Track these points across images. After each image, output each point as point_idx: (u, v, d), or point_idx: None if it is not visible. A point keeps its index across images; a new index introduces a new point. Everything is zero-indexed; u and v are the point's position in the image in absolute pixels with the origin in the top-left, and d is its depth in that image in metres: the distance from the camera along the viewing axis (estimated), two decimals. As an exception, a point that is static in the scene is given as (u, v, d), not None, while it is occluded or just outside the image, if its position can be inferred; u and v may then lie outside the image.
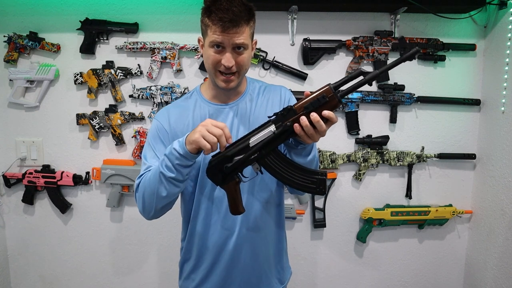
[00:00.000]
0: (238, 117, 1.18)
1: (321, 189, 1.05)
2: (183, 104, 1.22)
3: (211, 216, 1.19)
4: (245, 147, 1.03)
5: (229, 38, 1.05)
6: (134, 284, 2.07)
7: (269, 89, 1.26)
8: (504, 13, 1.77)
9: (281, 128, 0.99)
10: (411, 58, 0.92)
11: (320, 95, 0.97)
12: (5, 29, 1.88)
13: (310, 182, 1.05)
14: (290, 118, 0.99)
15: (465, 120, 1.95)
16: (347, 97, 1.87)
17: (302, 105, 0.98)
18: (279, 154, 1.04)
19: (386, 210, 1.93)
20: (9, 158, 1.98)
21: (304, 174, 1.05)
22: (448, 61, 1.90)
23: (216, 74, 1.11)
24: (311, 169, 1.06)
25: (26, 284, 2.09)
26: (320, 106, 0.96)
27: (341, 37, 1.87)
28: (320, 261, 2.04)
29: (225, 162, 1.04)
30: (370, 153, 1.92)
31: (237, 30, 1.04)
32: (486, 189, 1.89)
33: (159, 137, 1.17)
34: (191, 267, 1.26)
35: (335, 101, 0.96)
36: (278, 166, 1.04)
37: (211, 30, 1.05)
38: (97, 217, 2.02)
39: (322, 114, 0.95)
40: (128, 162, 1.94)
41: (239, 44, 1.06)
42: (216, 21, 1.03)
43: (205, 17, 1.06)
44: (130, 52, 1.89)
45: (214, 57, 1.08)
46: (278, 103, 1.22)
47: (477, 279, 1.94)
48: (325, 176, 1.05)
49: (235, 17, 1.03)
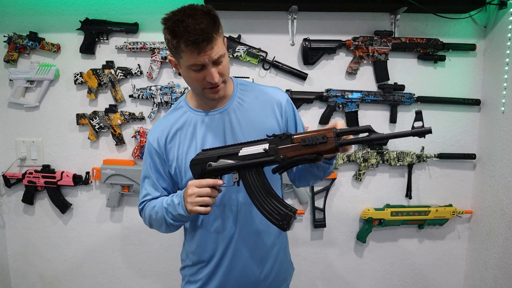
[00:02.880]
0: (227, 121, 1.16)
1: (284, 224, 1.03)
2: (171, 116, 1.21)
3: (212, 219, 1.19)
4: (234, 154, 1.04)
5: (208, 56, 1.00)
6: (134, 284, 2.07)
7: (261, 90, 1.23)
8: (504, 13, 1.77)
9: (273, 157, 1.00)
10: (422, 135, 0.91)
11: (321, 134, 0.97)
12: (5, 29, 1.88)
13: (277, 213, 1.04)
14: (285, 144, 1.00)
15: (465, 120, 1.95)
16: (347, 97, 1.87)
17: (301, 137, 0.99)
18: (260, 175, 1.04)
19: (386, 210, 1.93)
20: (9, 158, 1.98)
21: (275, 204, 1.05)
22: (448, 61, 1.90)
23: (204, 90, 1.10)
24: (284, 202, 1.06)
25: (26, 284, 2.09)
26: (317, 145, 0.97)
27: (341, 37, 1.87)
28: (320, 261, 2.04)
29: (211, 160, 1.05)
30: (370, 153, 1.92)
31: (212, 45, 1.00)
32: (486, 189, 1.89)
33: (153, 160, 1.20)
34: (193, 271, 1.26)
35: (332, 145, 0.96)
36: (255, 185, 1.05)
37: (185, 54, 1.01)
38: (97, 217, 2.02)
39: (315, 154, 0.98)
40: (128, 162, 1.94)
41: (218, 57, 1.03)
42: (189, 45, 0.98)
43: (174, 40, 0.99)
44: (130, 52, 1.89)
45: (196, 77, 1.06)
46: (272, 106, 1.20)
47: (477, 279, 1.94)
48: (294, 214, 1.03)
49: (206, 34, 0.97)
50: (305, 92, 1.89)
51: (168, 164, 1.19)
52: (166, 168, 1.20)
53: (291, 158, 1.00)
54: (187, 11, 0.99)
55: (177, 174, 1.18)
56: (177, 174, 1.19)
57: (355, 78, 1.92)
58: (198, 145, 1.15)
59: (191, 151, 1.15)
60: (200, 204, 1.03)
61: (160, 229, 1.20)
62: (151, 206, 1.19)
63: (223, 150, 1.06)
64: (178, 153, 1.17)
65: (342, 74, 1.92)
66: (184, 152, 1.16)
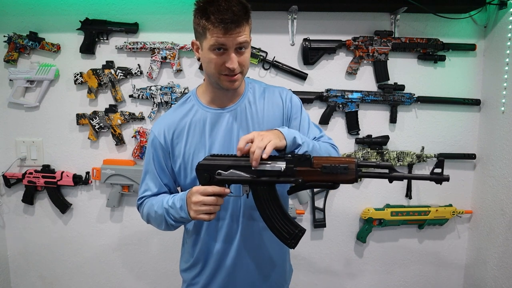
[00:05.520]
0: (237, 121, 1.16)
1: (292, 243, 1.04)
2: (179, 111, 1.19)
3: (215, 222, 1.17)
4: (247, 167, 1.00)
5: (232, 39, 1.01)
6: (134, 284, 2.07)
7: (269, 90, 1.23)
8: (504, 13, 1.77)
9: (292, 178, 0.98)
10: (440, 182, 0.97)
11: (343, 164, 0.96)
12: (5, 29, 1.88)
13: (286, 231, 1.04)
14: (304, 166, 0.98)
15: (465, 120, 1.95)
16: (347, 97, 1.87)
17: (321, 162, 0.98)
18: (274, 192, 1.03)
19: (386, 210, 1.93)
20: (9, 158, 1.98)
21: (285, 222, 1.04)
22: (448, 61, 1.90)
23: (220, 77, 1.09)
24: (294, 222, 1.06)
25: (26, 284, 2.09)
26: (337, 174, 0.97)
27: (341, 37, 1.87)
28: (320, 261, 2.04)
29: (221, 168, 1.02)
30: (370, 153, 1.92)
31: (239, 29, 1.01)
32: (486, 189, 1.89)
33: (156, 153, 1.18)
34: (195, 274, 1.25)
35: (352, 176, 0.97)
36: (266, 200, 1.03)
37: (211, 32, 1.01)
38: (97, 217, 2.02)
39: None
40: (128, 162, 1.94)
41: (242, 43, 1.03)
42: (217, 23, 0.99)
43: (202, 20, 1.01)
44: (130, 52, 1.89)
45: (216, 60, 1.05)
46: (280, 106, 1.20)
47: (477, 279, 1.94)
48: (303, 234, 1.04)
49: (236, 17, 0.99)
50: (305, 92, 1.89)
51: (173, 160, 1.17)
52: (169, 163, 1.18)
53: (308, 181, 0.99)
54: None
55: (181, 170, 1.17)
56: (181, 171, 1.17)
57: (355, 78, 1.92)
58: (207, 143, 1.14)
59: (199, 149, 1.14)
60: (205, 212, 1.02)
61: (159, 227, 1.18)
62: (150, 203, 1.18)
63: (235, 160, 1.01)
64: (185, 149, 1.15)
65: (342, 74, 1.92)
66: (191, 149, 1.15)
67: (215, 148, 1.14)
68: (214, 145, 1.14)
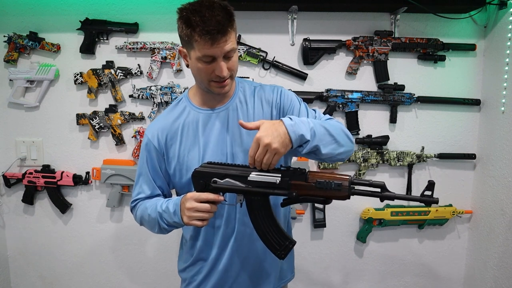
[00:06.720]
0: (230, 120, 1.16)
1: (281, 254, 1.06)
2: (172, 113, 1.20)
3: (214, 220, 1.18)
4: (242, 177, 1.02)
5: (220, 48, 1.01)
6: (134, 284, 2.07)
7: (261, 89, 1.23)
8: (504, 13, 1.77)
9: (286, 191, 1.00)
10: (429, 204, 0.98)
11: (337, 181, 0.98)
12: (5, 29, 1.88)
13: (277, 243, 1.06)
14: (299, 180, 1.00)
15: (465, 120, 1.95)
16: (347, 97, 1.87)
17: (316, 177, 0.99)
18: (267, 203, 1.04)
19: (386, 210, 1.93)
20: (9, 158, 1.98)
21: (276, 233, 1.06)
22: (448, 61, 1.90)
23: (210, 83, 1.09)
24: (286, 233, 1.07)
25: (26, 284, 2.09)
26: (331, 190, 0.98)
27: (341, 37, 1.87)
28: (320, 261, 2.04)
29: (217, 176, 1.03)
30: (370, 153, 1.92)
31: (226, 38, 1.01)
32: (486, 189, 1.89)
33: (150, 156, 1.19)
34: (194, 272, 1.25)
35: (345, 193, 0.99)
36: (259, 211, 1.05)
37: (198, 44, 1.00)
38: (97, 217, 2.02)
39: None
40: (128, 162, 1.94)
41: (229, 51, 1.03)
42: (203, 34, 0.98)
43: (188, 30, 1.00)
44: (130, 52, 1.89)
45: (206, 69, 1.05)
46: (269, 103, 1.20)
47: (477, 279, 1.94)
48: (293, 245, 1.06)
49: (221, 26, 0.98)
50: (305, 92, 1.88)
51: (168, 162, 1.18)
52: (163, 165, 1.19)
53: (302, 195, 1.01)
54: (205, 2, 1.01)
55: (177, 172, 1.18)
56: (177, 172, 1.18)
57: (355, 78, 1.92)
58: (200, 143, 1.15)
59: (193, 150, 1.15)
60: (198, 218, 1.02)
61: (152, 230, 1.18)
62: (144, 206, 1.18)
63: (231, 169, 1.03)
64: (179, 151, 1.16)
65: (342, 74, 1.92)
66: (186, 150, 1.16)
67: (209, 147, 1.15)
68: (208, 145, 1.14)
